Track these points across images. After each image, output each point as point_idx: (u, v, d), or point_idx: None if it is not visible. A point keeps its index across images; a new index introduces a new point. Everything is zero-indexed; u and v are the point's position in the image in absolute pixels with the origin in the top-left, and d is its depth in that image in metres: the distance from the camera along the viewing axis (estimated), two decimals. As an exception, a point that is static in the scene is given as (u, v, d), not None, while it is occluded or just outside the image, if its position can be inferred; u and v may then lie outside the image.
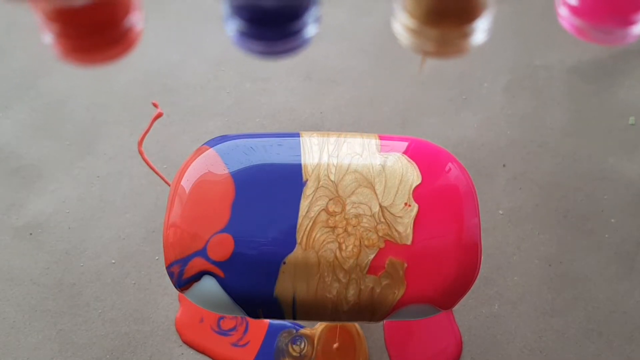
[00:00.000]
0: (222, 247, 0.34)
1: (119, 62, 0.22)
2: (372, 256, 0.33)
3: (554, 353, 0.46)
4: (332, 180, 0.35)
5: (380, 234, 0.34)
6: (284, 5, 0.20)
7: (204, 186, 0.35)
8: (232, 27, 0.21)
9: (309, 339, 0.46)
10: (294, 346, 0.46)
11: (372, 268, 0.33)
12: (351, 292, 0.33)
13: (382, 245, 0.34)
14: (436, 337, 0.47)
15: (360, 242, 0.34)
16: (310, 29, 0.22)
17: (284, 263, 0.33)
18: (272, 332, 0.46)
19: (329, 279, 0.33)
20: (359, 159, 0.36)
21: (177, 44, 0.59)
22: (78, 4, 0.19)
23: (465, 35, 0.22)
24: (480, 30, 0.22)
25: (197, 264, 0.34)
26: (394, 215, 0.34)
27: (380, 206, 0.34)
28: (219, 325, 0.47)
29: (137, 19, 0.21)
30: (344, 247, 0.33)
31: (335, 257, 0.33)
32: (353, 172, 0.35)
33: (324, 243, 0.34)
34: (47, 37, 0.21)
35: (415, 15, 0.21)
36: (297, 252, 0.33)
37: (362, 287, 0.33)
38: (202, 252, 0.34)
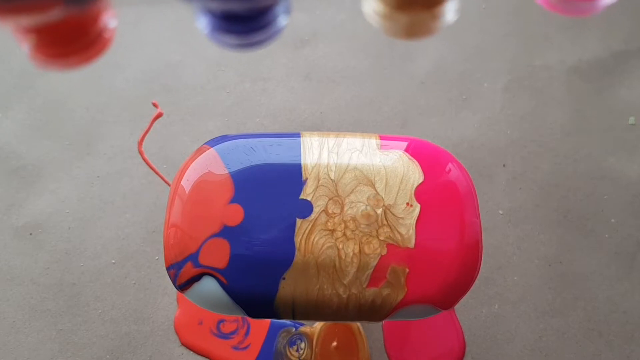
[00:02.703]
0: (217, 250, 0.33)
1: (97, 62, 0.23)
2: (373, 265, 0.33)
3: (554, 353, 0.46)
4: (331, 179, 0.34)
5: (381, 238, 0.33)
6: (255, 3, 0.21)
7: (204, 186, 0.35)
8: (204, 24, 0.22)
9: (308, 337, 0.46)
10: (291, 349, 0.46)
11: (373, 280, 0.33)
12: (351, 307, 0.33)
13: (384, 251, 0.33)
14: (438, 339, 0.47)
15: (360, 248, 0.33)
16: (281, 20, 0.22)
17: (284, 279, 0.33)
18: (272, 333, 0.46)
19: (328, 291, 0.33)
20: (359, 156, 0.35)
21: (177, 44, 0.59)
22: (52, 19, 0.20)
23: (435, 17, 0.22)
24: (450, 11, 0.22)
25: (190, 267, 0.33)
26: (395, 216, 0.34)
27: (383, 206, 0.34)
28: (218, 329, 0.46)
29: (110, 19, 0.22)
30: (342, 255, 0.33)
31: (334, 267, 0.33)
32: (353, 170, 0.35)
33: (323, 248, 0.33)
34: (25, 48, 0.22)
35: (386, 1, 0.22)
36: (297, 261, 0.33)
37: (362, 301, 0.33)
38: (195, 256, 0.33)
